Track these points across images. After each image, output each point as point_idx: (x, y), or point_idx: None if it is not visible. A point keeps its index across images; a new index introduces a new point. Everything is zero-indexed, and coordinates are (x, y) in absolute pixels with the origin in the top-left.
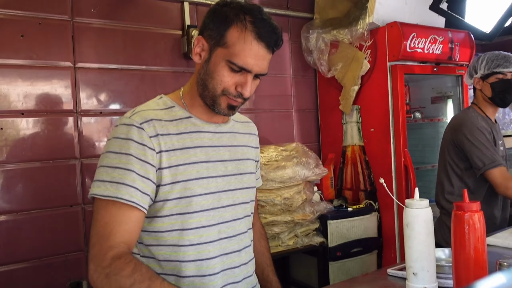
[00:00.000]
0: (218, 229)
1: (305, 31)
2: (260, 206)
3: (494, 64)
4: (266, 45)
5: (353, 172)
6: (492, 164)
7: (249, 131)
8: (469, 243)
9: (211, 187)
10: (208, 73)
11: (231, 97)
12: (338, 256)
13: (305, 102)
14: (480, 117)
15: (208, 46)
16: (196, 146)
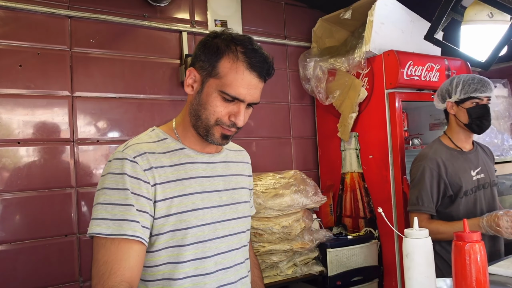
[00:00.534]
0: (214, 260)
1: (303, 59)
2: (258, 234)
3: (471, 88)
4: (258, 75)
5: (352, 199)
6: (411, 207)
7: (242, 160)
8: (470, 274)
9: (206, 218)
10: (201, 103)
11: (225, 127)
12: (338, 286)
13: (303, 129)
14: (444, 150)
15: (200, 77)
16: (190, 177)
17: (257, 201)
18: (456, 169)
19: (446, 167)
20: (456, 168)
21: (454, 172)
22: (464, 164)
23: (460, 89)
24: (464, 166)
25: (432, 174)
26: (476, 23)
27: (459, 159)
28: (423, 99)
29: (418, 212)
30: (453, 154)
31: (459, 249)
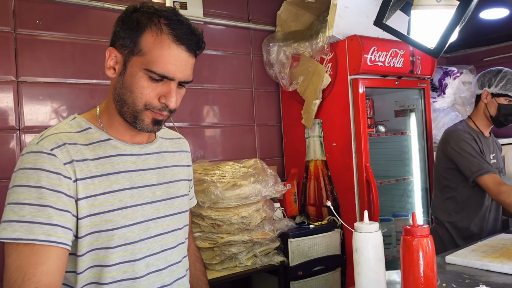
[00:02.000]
0: (145, 262)
1: (266, 44)
2: (217, 225)
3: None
4: (186, 48)
5: (316, 188)
6: (480, 172)
7: (179, 149)
8: (418, 269)
9: (137, 216)
10: (125, 86)
11: (156, 111)
12: (300, 276)
13: (268, 116)
14: (470, 129)
15: (122, 57)
16: (117, 171)
17: (215, 192)
18: (481, 149)
19: (477, 143)
20: (480, 148)
21: (480, 150)
22: (485, 146)
23: (502, 84)
24: (485, 149)
25: (474, 143)
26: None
27: (482, 141)
28: (387, 85)
29: (487, 173)
30: (478, 135)
31: (407, 244)
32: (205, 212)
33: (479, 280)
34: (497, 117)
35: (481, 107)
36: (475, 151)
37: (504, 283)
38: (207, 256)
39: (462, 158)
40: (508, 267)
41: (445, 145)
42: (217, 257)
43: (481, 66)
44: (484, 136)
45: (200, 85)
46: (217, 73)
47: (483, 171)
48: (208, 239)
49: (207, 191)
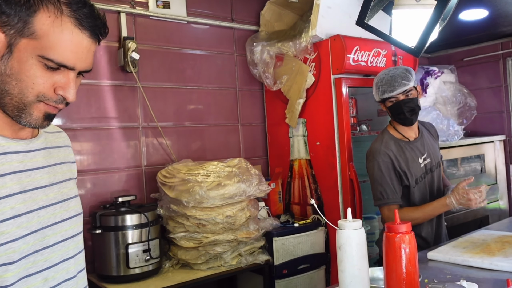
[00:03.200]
0: (43, 276)
1: (250, 43)
2: (201, 225)
3: (381, 91)
4: (90, 34)
5: (300, 187)
6: (378, 202)
7: (63, 143)
8: (400, 265)
9: (32, 225)
10: (9, 73)
11: (50, 103)
12: (284, 274)
13: (252, 115)
14: (392, 142)
15: (5, 37)
16: (3, 173)
17: (199, 192)
18: (406, 160)
19: (398, 159)
20: (405, 159)
21: (404, 163)
22: (411, 153)
23: (375, 92)
24: (412, 156)
25: (388, 167)
26: (405, 8)
27: (406, 150)
28: (370, 85)
29: (386, 205)
30: (401, 145)
31: (389, 240)
32: (190, 212)
33: (460, 275)
34: (395, 119)
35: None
36: (382, 178)
37: (484, 278)
38: (191, 256)
39: (371, 182)
40: (488, 262)
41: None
42: (202, 256)
43: (461, 66)
44: (409, 142)
45: (184, 85)
46: (201, 72)
47: (382, 202)
48: (193, 239)
49: (192, 191)
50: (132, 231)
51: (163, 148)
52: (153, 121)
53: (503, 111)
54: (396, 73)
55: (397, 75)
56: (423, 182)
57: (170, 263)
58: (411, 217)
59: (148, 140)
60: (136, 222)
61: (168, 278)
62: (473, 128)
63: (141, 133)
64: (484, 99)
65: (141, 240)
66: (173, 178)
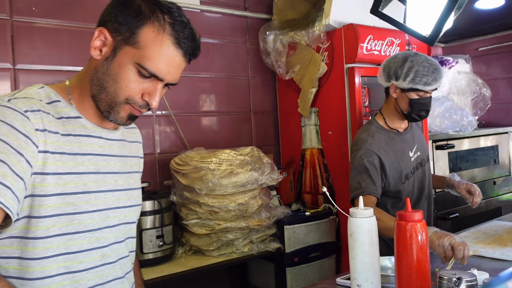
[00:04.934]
0: (102, 253)
1: (263, 32)
2: (214, 212)
3: (422, 80)
4: (183, 53)
5: (312, 176)
6: (354, 193)
7: (136, 139)
8: (411, 254)
9: (98, 203)
10: (110, 74)
11: (136, 107)
12: (295, 262)
13: (264, 104)
14: (381, 133)
15: (113, 42)
16: (85, 153)
17: (212, 179)
18: (395, 154)
19: (386, 151)
20: (395, 152)
21: (394, 156)
22: (402, 146)
23: (410, 78)
24: (402, 149)
25: (372, 160)
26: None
27: (396, 142)
28: None
29: (362, 194)
30: (390, 137)
31: (401, 228)
32: (202, 199)
33: (471, 265)
34: (410, 113)
35: (391, 101)
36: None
37: (496, 268)
38: (204, 243)
39: (350, 174)
40: (499, 253)
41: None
42: (214, 243)
43: (476, 56)
44: (399, 134)
45: (197, 73)
46: (214, 61)
47: (358, 192)
48: (205, 225)
49: (205, 179)
50: (146, 217)
51: (176, 136)
52: (166, 109)
53: None
54: (436, 65)
55: (438, 67)
56: (413, 177)
57: (183, 249)
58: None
59: (161, 128)
60: (150, 208)
61: (181, 263)
62: (487, 119)
63: (155, 121)
64: (499, 90)
65: (155, 226)
66: (186, 165)
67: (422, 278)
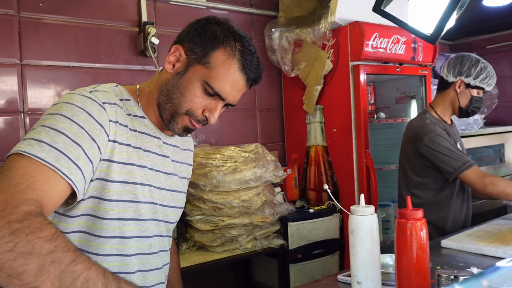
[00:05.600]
0: (149, 242)
1: (268, 29)
2: (218, 208)
3: (490, 82)
4: (247, 78)
5: (316, 173)
6: (463, 167)
7: (188, 147)
8: (411, 252)
9: (151, 196)
10: (178, 87)
11: (194, 120)
12: (299, 258)
13: (269, 101)
14: (437, 121)
15: (186, 59)
16: (146, 149)
17: (216, 176)
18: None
19: (449, 135)
20: (451, 139)
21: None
22: (453, 136)
23: (483, 77)
24: (454, 138)
25: (446, 137)
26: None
27: (449, 132)
28: (388, 72)
29: (469, 168)
30: (445, 127)
31: (401, 226)
32: (206, 196)
33: (472, 263)
34: (467, 108)
35: (449, 95)
36: (452, 146)
37: None
38: (208, 239)
39: (441, 156)
40: (501, 251)
41: (418, 143)
42: (218, 239)
43: (483, 54)
44: (449, 126)
45: None
46: None
47: (466, 166)
48: (209, 221)
49: (209, 175)
50: None
51: None
52: None
53: None
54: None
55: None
56: None
57: (187, 245)
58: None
59: None
60: None
61: (185, 259)
62: (494, 117)
63: None
64: (506, 88)
65: None
66: None
67: (421, 276)
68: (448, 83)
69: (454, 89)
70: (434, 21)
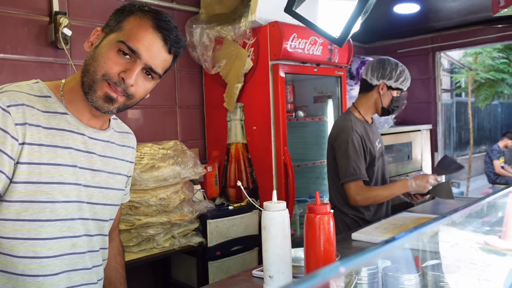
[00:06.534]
0: (72, 242)
1: (189, 25)
2: (134, 207)
3: (407, 82)
4: (163, 37)
5: (236, 170)
6: (349, 178)
7: (127, 143)
8: (319, 245)
9: (73, 195)
10: (93, 57)
11: (111, 84)
12: (218, 256)
13: (190, 98)
14: (358, 122)
15: (102, 33)
16: (66, 146)
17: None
18: (369, 140)
19: (364, 138)
20: (368, 138)
21: (369, 142)
22: (372, 135)
23: (402, 80)
24: (373, 137)
25: (359, 144)
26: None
27: (369, 131)
28: (306, 72)
29: (357, 180)
30: (364, 126)
31: (309, 220)
32: None
33: None
34: (388, 108)
35: (372, 96)
36: (356, 154)
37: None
38: (124, 238)
39: (341, 160)
40: None
41: (334, 142)
42: (134, 239)
43: (395, 57)
44: (369, 125)
45: None
46: None
47: (351, 178)
48: (125, 221)
49: None
50: None
51: None
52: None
53: (430, 102)
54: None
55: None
56: (377, 164)
57: None
58: (378, 194)
59: None
60: None
61: None
62: (403, 117)
63: None
64: (414, 90)
65: None
66: None
67: None
68: (371, 85)
69: (378, 91)
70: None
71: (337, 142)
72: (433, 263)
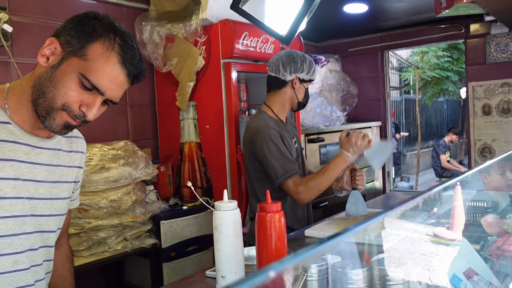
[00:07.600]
0: (14, 259)
1: (139, 22)
2: (84, 210)
3: (313, 71)
4: (127, 73)
5: (190, 170)
6: (285, 176)
7: (75, 149)
8: (270, 243)
9: (14, 209)
10: (52, 80)
11: (71, 115)
12: (172, 257)
13: (141, 97)
14: (273, 121)
15: (62, 52)
16: (6, 159)
17: None
18: (287, 140)
19: (282, 138)
20: (285, 138)
21: (286, 141)
22: (288, 134)
23: (312, 71)
24: (288, 137)
25: (279, 141)
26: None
27: (284, 130)
28: (258, 70)
29: (291, 176)
30: (279, 125)
31: (261, 219)
32: None
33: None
34: (304, 101)
35: (286, 93)
36: (280, 152)
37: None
38: (73, 243)
39: (267, 160)
40: None
41: (253, 146)
42: (84, 243)
43: (345, 56)
44: (284, 124)
45: None
46: None
47: (287, 175)
48: (74, 224)
49: None
50: None
51: None
52: None
53: (380, 99)
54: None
55: None
56: (297, 163)
57: None
58: (318, 182)
59: None
60: None
61: None
62: (355, 114)
63: None
64: (365, 88)
65: None
66: None
67: None
68: (284, 81)
69: (291, 86)
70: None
71: (258, 146)
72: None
